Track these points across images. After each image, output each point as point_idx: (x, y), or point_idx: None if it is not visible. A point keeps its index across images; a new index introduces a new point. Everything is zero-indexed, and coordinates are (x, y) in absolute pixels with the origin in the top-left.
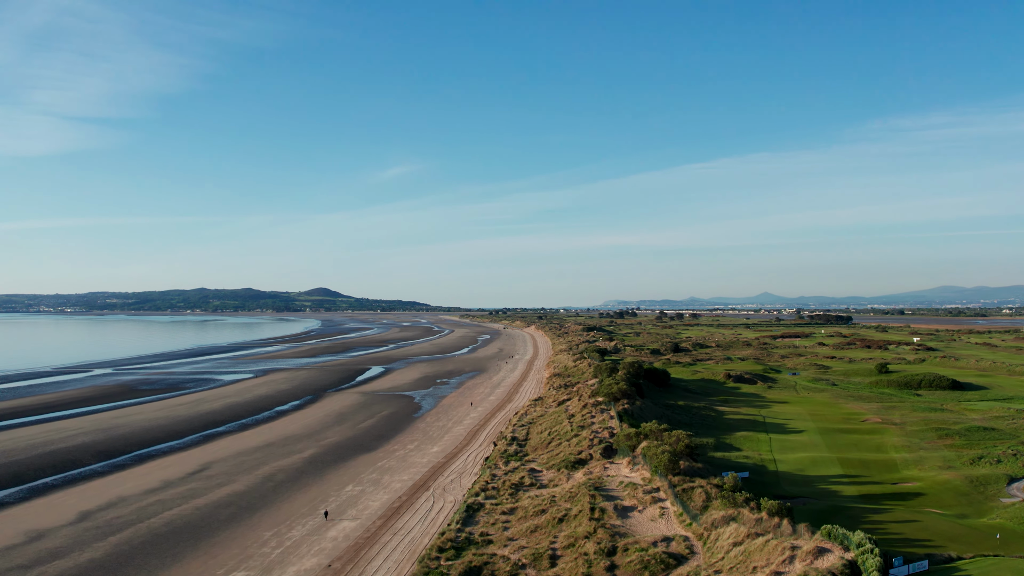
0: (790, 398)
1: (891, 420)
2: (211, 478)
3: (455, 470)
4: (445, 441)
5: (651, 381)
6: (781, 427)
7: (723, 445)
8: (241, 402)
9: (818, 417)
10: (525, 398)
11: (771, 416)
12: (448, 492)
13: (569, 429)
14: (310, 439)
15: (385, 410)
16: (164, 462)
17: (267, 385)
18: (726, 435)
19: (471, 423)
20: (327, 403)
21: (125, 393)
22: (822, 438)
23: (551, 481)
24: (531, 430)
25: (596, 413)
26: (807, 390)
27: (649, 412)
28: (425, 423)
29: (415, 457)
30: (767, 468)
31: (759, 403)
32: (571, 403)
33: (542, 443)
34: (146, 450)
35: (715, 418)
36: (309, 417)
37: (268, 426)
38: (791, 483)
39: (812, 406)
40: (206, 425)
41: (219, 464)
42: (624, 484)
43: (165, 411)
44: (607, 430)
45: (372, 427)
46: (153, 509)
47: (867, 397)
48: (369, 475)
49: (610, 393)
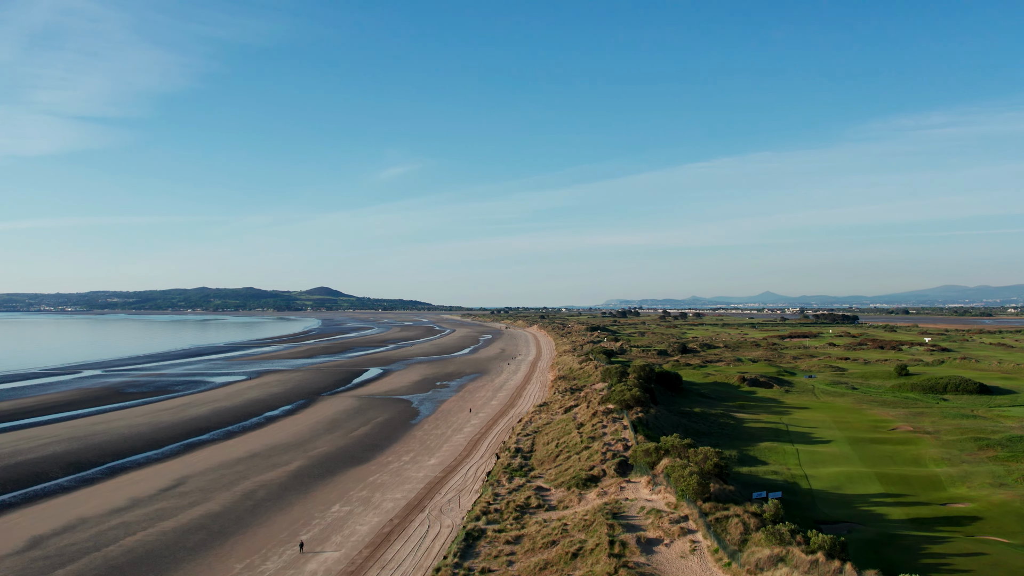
0: (810, 403)
1: (923, 428)
2: (185, 495)
3: (454, 487)
4: (443, 452)
5: (662, 385)
6: (806, 436)
7: (747, 458)
8: (230, 407)
9: (844, 425)
10: (529, 403)
11: (794, 424)
12: (445, 514)
13: (579, 440)
14: (298, 449)
15: (381, 416)
16: (137, 476)
17: (259, 388)
18: (749, 446)
19: (472, 431)
20: (320, 408)
21: (110, 396)
22: (852, 449)
23: (561, 502)
24: (536, 440)
25: (607, 422)
26: (827, 394)
27: (665, 421)
28: (423, 431)
29: (410, 471)
30: (799, 486)
31: (779, 409)
32: (579, 410)
33: (549, 456)
34: (120, 461)
35: (734, 426)
36: (300, 424)
37: (255, 434)
38: (829, 504)
39: (835, 412)
40: (189, 433)
41: (196, 478)
42: (646, 510)
43: (148, 416)
44: (621, 442)
45: (366, 435)
46: (114, 534)
47: (891, 402)
48: (359, 492)
49: (622, 400)
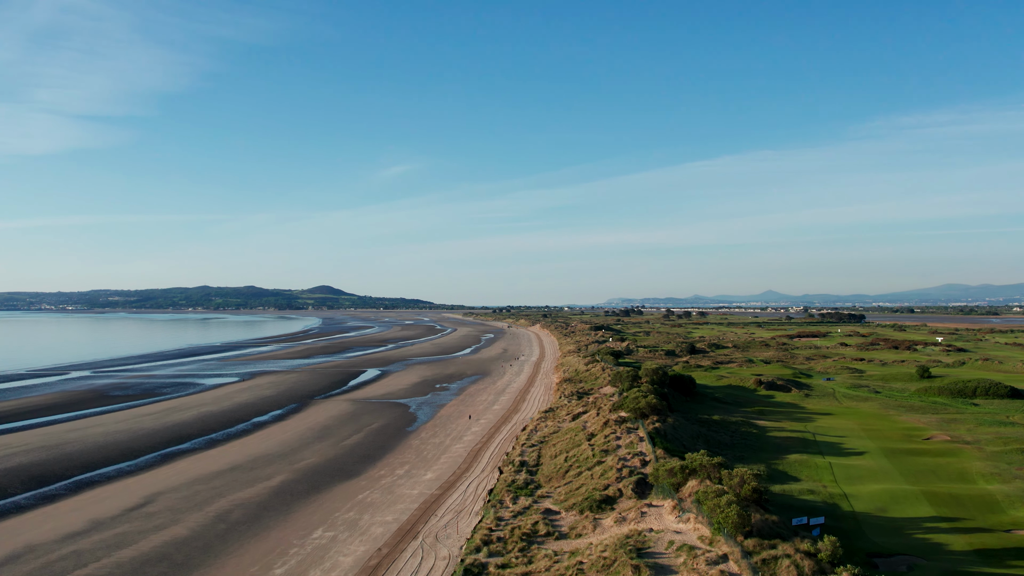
0: (833, 408)
1: (960, 438)
2: (151, 516)
3: (451, 507)
4: (441, 464)
5: (675, 389)
6: (836, 447)
7: (777, 474)
8: (216, 412)
9: (874, 433)
10: (533, 408)
11: (820, 432)
12: (441, 542)
13: (590, 454)
14: (284, 461)
15: (375, 422)
16: (104, 492)
17: (250, 391)
18: (776, 459)
19: (472, 440)
20: (312, 413)
21: (93, 400)
22: (890, 462)
23: (573, 529)
24: (543, 452)
25: (621, 432)
26: (849, 398)
27: (683, 431)
28: (419, 439)
29: (404, 487)
30: (840, 508)
31: (801, 415)
32: (588, 417)
33: (557, 471)
34: (89, 475)
35: (757, 436)
36: (289, 431)
37: (240, 442)
38: (877, 530)
39: (861, 418)
40: (169, 441)
41: (167, 496)
42: (676, 545)
43: (128, 422)
44: (637, 456)
45: (358, 445)
46: (61, 566)
47: (919, 407)
48: (346, 513)
49: (636, 408)
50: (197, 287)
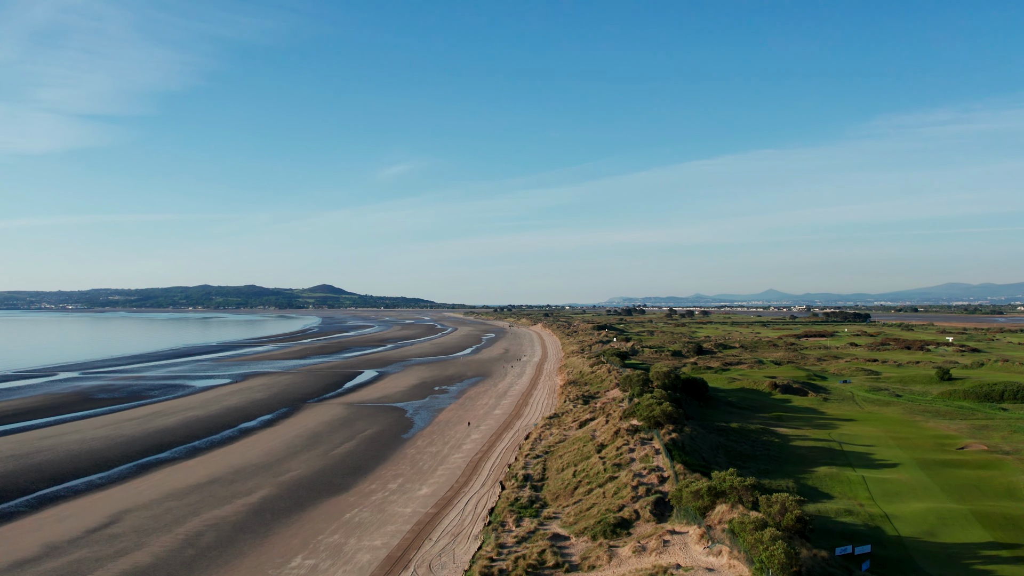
0: (855, 414)
1: (998, 447)
2: (114, 540)
3: (448, 529)
4: (438, 477)
5: (687, 393)
6: (866, 458)
7: (807, 490)
8: (203, 416)
9: (903, 442)
10: (537, 413)
11: (846, 441)
12: (436, 574)
13: (601, 468)
14: (267, 473)
15: (369, 428)
16: (67, 509)
17: (240, 394)
18: (804, 473)
19: (472, 449)
20: (303, 418)
21: (76, 403)
22: (927, 475)
23: (586, 559)
24: (548, 464)
25: (634, 444)
26: (869, 402)
27: (702, 442)
28: (415, 448)
29: (396, 505)
30: (884, 532)
31: (822, 421)
32: (596, 425)
33: (565, 488)
34: (55, 488)
35: (780, 446)
36: (277, 438)
37: (223, 451)
38: (929, 559)
39: (886, 425)
40: (148, 449)
41: (136, 514)
42: None
43: (108, 428)
44: (654, 472)
45: (349, 454)
46: None
47: (945, 412)
48: (330, 536)
49: (650, 416)
50: (198, 286)
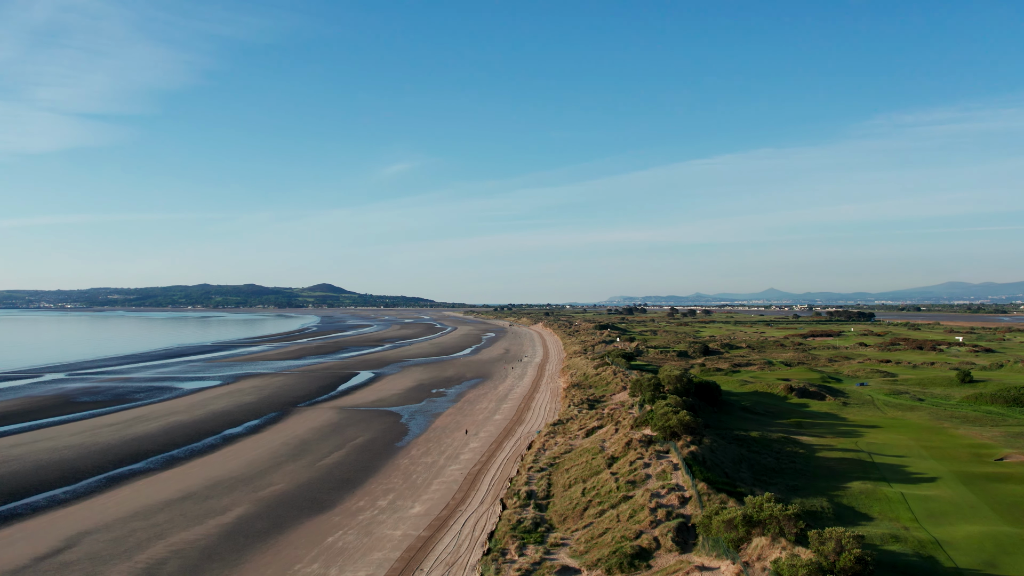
0: (878, 420)
1: None
2: (63, 569)
3: (441, 558)
4: (432, 493)
5: (700, 398)
6: (900, 472)
7: (843, 510)
8: (186, 422)
9: (936, 452)
10: (539, 419)
11: (875, 451)
12: None
13: (613, 486)
14: (247, 487)
15: (361, 436)
16: (20, 530)
17: (229, 397)
18: (837, 489)
19: (470, 459)
20: (292, 423)
21: (57, 407)
22: (971, 492)
23: None
24: (554, 479)
25: (649, 457)
26: (891, 407)
27: (722, 454)
28: (409, 458)
29: (385, 525)
30: (938, 563)
31: (844, 429)
32: (605, 434)
33: (574, 508)
34: (12, 505)
35: (805, 457)
36: (262, 446)
37: (202, 461)
38: None
39: (914, 432)
40: (122, 460)
41: (95, 537)
42: None
43: (84, 435)
44: (674, 492)
45: (338, 465)
46: None
47: (974, 418)
48: (308, 566)
49: (667, 426)
50: (197, 285)
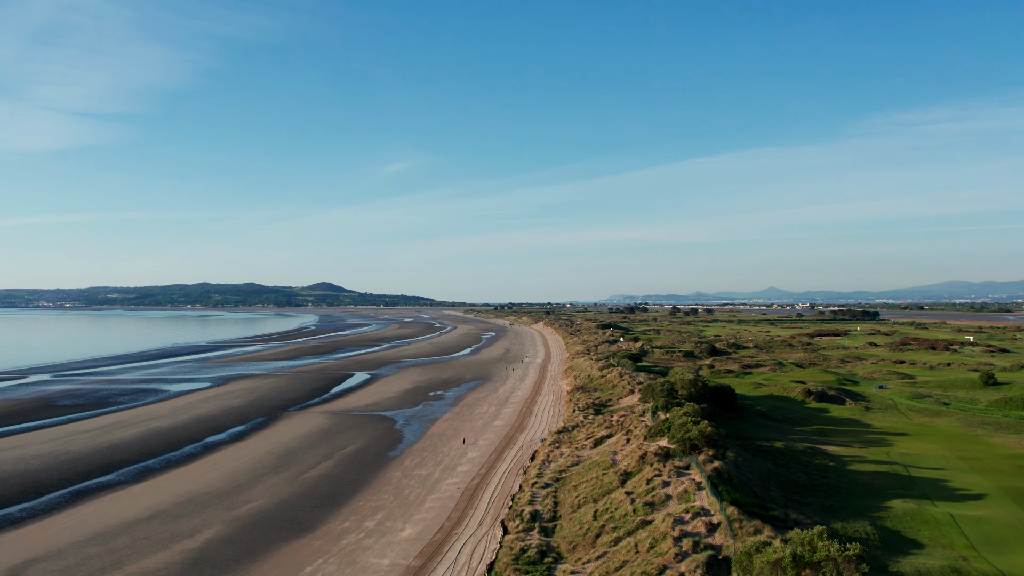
0: (905, 426)
1: None
2: None
3: None
4: (426, 512)
5: (715, 404)
6: (942, 488)
7: (889, 535)
8: (167, 428)
9: (975, 463)
10: (543, 425)
11: (910, 463)
12: None
13: (629, 508)
14: (222, 504)
15: (351, 444)
16: None
17: (216, 400)
18: (877, 510)
19: (468, 472)
20: (279, 430)
21: (35, 411)
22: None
23: None
24: (561, 497)
25: (668, 474)
26: (916, 412)
27: (748, 469)
28: (402, 470)
29: (371, 553)
30: None
31: (871, 436)
32: (616, 444)
33: (584, 534)
34: None
35: (837, 471)
36: (243, 456)
37: (177, 472)
38: None
39: (947, 441)
40: (91, 471)
41: (43, 566)
42: None
43: (57, 442)
44: (700, 517)
45: (324, 478)
46: None
47: (1007, 424)
48: None
49: (686, 439)
50: (197, 284)
